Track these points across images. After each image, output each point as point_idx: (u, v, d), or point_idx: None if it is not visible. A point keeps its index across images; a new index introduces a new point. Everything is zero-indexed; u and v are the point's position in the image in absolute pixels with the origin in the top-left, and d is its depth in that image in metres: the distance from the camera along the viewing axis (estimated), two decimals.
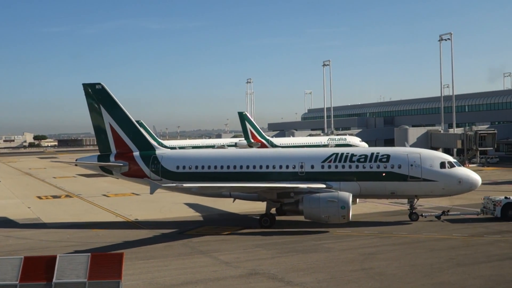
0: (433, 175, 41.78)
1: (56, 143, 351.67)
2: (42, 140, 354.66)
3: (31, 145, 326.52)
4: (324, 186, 41.69)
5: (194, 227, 43.41)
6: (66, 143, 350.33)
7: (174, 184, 41.98)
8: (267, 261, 31.41)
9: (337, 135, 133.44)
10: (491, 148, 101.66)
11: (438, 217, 43.65)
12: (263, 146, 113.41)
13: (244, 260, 31.76)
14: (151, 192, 41.57)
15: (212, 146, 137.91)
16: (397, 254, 32.43)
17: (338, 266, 29.84)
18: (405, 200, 48.99)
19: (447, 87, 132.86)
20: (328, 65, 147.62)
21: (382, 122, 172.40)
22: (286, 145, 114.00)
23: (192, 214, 50.81)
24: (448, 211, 44.57)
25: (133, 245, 37.06)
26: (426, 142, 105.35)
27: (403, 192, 42.96)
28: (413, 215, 43.42)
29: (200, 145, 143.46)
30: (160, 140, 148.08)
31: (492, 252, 32.36)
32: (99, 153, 49.58)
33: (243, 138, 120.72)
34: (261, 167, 44.92)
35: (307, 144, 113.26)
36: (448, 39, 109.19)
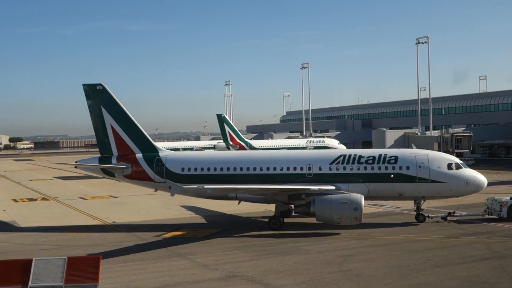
0: (441, 176, 41.96)
1: (32, 146, 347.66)
2: (18, 142, 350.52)
3: (6, 147, 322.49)
4: (333, 188, 41.53)
5: (172, 230, 43.17)
6: (43, 145, 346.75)
7: (196, 185, 41.07)
8: (246, 264, 31.38)
9: (316, 137, 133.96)
10: (467, 151, 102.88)
11: (444, 218, 44.10)
12: (241, 148, 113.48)
13: (222, 263, 31.69)
14: (172, 194, 41.16)
15: (191, 149, 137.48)
16: (375, 256, 32.63)
17: (316, 268, 29.92)
18: (383, 202, 49.49)
19: (424, 90, 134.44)
20: (306, 67, 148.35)
21: (360, 124, 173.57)
22: (265, 147, 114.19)
23: (170, 217, 50.54)
24: (454, 212, 44.93)
25: (110, 248, 36.76)
26: (404, 144, 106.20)
27: (411, 193, 42.95)
28: (420, 216, 43.68)
29: (178, 147, 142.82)
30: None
31: (468, 253, 32.73)
32: (99, 155, 48.68)
33: (222, 141, 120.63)
34: (268, 169, 44.57)
35: (286, 146, 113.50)
36: (425, 42, 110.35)
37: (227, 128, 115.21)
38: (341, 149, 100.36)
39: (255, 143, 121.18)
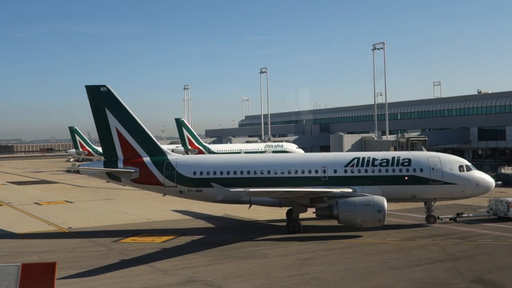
0: (453, 178, 42.66)
1: None
2: None
3: None
4: (355, 191, 41.54)
5: (130, 235, 42.70)
6: None
7: (242, 189, 40.40)
8: (204, 268, 31.28)
9: (274, 141, 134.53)
10: None
11: (453, 219, 45.05)
12: (200, 153, 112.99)
13: (181, 268, 31.50)
14: (219, 198, 40.77)
15: None
16: (333, 259, 32.98)
17: (274, 272, 30.04)
18: None
19: (381, 95, 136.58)
20: (265, 72, 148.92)
21: (318, 129, 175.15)
22: (224, 151, 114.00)
23: (128, 222, 49.97)
24: (462, 213, 45.98)
25: (66, 254, 36.15)
26: (361, 148, 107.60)
27: (423, 195, 43.52)
28: (431, 218, 44.41)
29: None
30: (95, 147, 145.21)
31: (423, 256, 33.38)
32: (104, 159, 47.11)
33: (181, 145, 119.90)
34: (282, 172, 44.22)
35: (245, 150, 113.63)
36: (381, 48, 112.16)
37: (185, 133, 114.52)
38: (299, 153, 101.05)
39: (213, 147, 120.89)
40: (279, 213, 51.49)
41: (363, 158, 43.88)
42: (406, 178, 42.84)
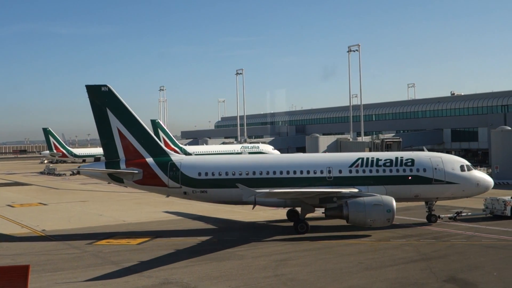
0: (455, 178, 43.35)
1: None
2: None
3: None
4: (357, 190, 41.67)
5: (105, 237, 42.36)
6: None
7: (267, 191, 40.01)
8: (180, 270, 31.16)
9: (250, 143, 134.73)
10: None
11: (453, 218, 45.89)
12: None
13: (156, 270, 31.31)
14: (245, 199, 40.62)
15: None
16: (309, 260, 33.12)
17: (251, 273, 30.08)
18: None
19: (356, 96, 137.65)
20: (241, 73, 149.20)
21: (294, 130, 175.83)
22: (200, 153, 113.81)
23: (103, 224, 49.56)
24: (461, 212, 46.85)
25: (40, 257, 35.70)
26: (336, 150, 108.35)
27: (426, 195, 44.09)
28: (433, 217, 45.05)
29: None
30: (69, 148, 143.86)
31: (398, 256, 33.72)
32: (105, 160, 46.28)
33: None
34: (288, 172, 44.14)
35: (221, 152, 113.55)
36: (356, 50, 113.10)
37: (161, 134, 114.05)
38: (275, 154, 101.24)
39: (189, 148, 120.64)
40: (256, 214, 51.68)
41: (367, 159, 44.38)
42: (410, 178, 43.48)
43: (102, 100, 44.54)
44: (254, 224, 47.71)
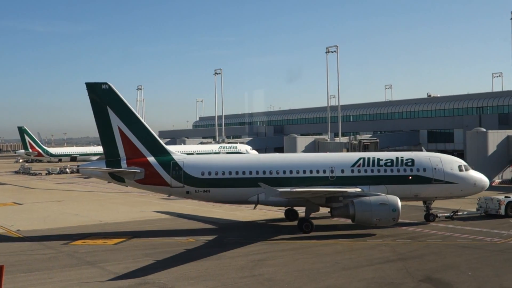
0: (454, 177, 44.19)
1: None
2: None
3: None
4: (360, 190, 41.87)
5: (81, 237, 41.95)
6: None
7: (288, 189, 40.26)
8: (157, 270, 30.93)
9: (228, 143, 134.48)
10: None
11: (449, 217, 46.76)
12: None
13: (133, 270, 31.09)
14: (267, 198, 40.38)
15: (101, 154, 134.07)
16: (286, 260, 33.17)
17: (228, 273, 30.02)
18: (297, 208, 50.14)
19: (334, 97, 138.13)
20: (219, 73, 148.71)
21: (272, 130, 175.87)
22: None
23: (79, 224, 49.07)
24: (457, 211, 47.58)
25: (14, 257, 35.21)
26: (314, 150, 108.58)
27: (426, 194, 44.75)
28: (431, 216, 45.76)
29: (88, 152, 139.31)
30: (45, 147, 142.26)
31: (374, 256, 33.95)
32: (105, 159, 45.43)
33: None
34: (291, 172, 44.30)
35: (199, 152, 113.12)
36: (334, 51, 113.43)
37: None
38: (253, 155, 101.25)
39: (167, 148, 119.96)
40: (233, 214, 51.69)
41: (368, 159, 44.84)
42: (410, 177, 44.09)
43: (102, 98, 43.90)
44: (232, 224, 47.65)
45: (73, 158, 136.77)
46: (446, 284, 27.35)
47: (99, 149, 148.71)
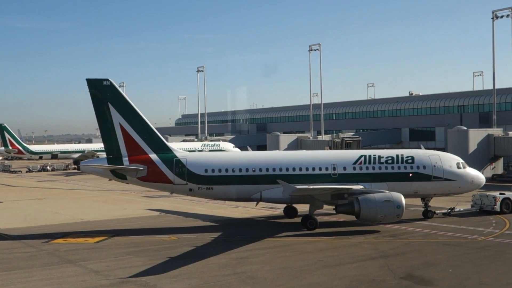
0: (452, 175, 44.89)
1: None
2: None
3: None
4: (362, 187, 42.14)
5: (61, 236, 41.58)
6: None
7: (306, 186, 40.38)
8: (139, 269, 30.79)
9: (211, 141, 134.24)
10: None
11: (447, 214, 47.46)
12: None
13: (115, 268, 30.93)
14: (285, 195, 40.34)
15: (83, 151, 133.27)
16: (268, 258, 33.18)
17: (211, 271, 29.95)
18: (275, 205, 50.25)
19: (316, 95, 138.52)
20: (202, 71, 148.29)
21: (255, 128, 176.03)
22: None
23: (60, 222, 48.66)
24: (454, 208, 48.24)
25: None
26: (297, 148, 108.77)
27: (425, 191, 45.34)
28: (429, 213, 46.35)
29: (70, 150, 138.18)
30: (25, 145, 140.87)
31: (356, 253, 34.09)
32: (107, 156, 44.75)
33: None
34: (294, 169, 44.40)
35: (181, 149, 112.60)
36: (317, 49, 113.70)
37: None
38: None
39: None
40: (216, 212, 51.60)
41: (370, 156, 45.24)
42: (411, 175, 44.62)
43: (104, 95, 43.36)
44: (215, 222, 47.56)
45: (54, 155, 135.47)
46: (427, 281, 27.54)
47: (80, 146, 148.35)
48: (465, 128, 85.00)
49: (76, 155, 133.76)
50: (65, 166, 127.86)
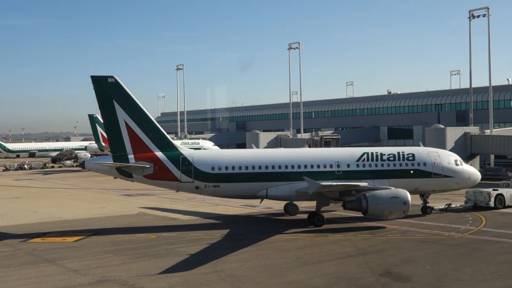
0: (451, 171, 46.04)
1: None
2: None
3: None
4: (367, 184, 42.51)
5: (39, 235, 41.19)
6: None
7: (333, 183, 40.86)
8: (118, 267, 30.69)
9: (191, 139, 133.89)
10: None
11: (444, 210, 48.62)
12: None
13: (93, 267, 30.74)
14: (311, 191, 40.53)
15: (61, 150, 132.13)
16: (248, 256, 33.22)
17: (190, 270, 29.87)
18: (255, 203, 50.38)
19: (296, 94, 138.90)
20: (181, 69, 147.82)
21: (234, 126, 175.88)
22: None
23: (38, 221, 48.19)
24: (450, 204, 49.49)
25: None
26: (276, 146, 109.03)
27: (425, 188, 46.27)
28: (428, 209, 47.53)
29: (48, 148, 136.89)
30: (2, 142, 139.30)
31: (335, 251, 34.30)
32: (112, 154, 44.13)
33: (94, 142, 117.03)
34: (299, 166, 44.75)
35: None
36: (297, 48, 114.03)
37: (99, 129, 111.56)
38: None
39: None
40: (196, 209, 51.48)
41: (372, 153, 46.05)
42: (412, 171, 45.54)
43: (108, 92, 42.86)
44: (195, 220, 47.50)
45: (31, 154, 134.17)
46: (405, 277, 27.82)
47: (59, 144, 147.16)
48: (443, 127, 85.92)
49: (54, 154, 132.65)
50: (42, 165, 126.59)
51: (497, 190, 50.35)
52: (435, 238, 37.96)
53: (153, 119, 44.97)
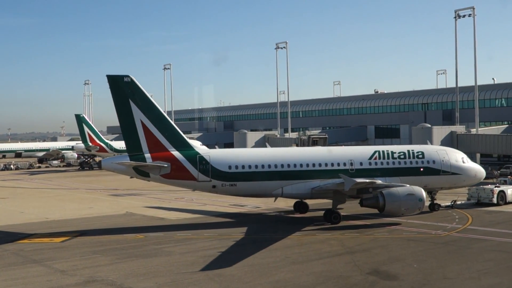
0: (459, 169, 47.06)
1: None
2: None
3: None
4: (380, 181, 42.91)
5: (26, 235, 40.95)
6: None
7: (368, 180, 41.48)
8: (106, 268, 30.59)
9: None
10: None
11: (450, 206, 49.38)
12: (102, 149, 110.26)
13: (81, 268, 30.61)
14: (347, 188, 40.51)
15: (47, 150, 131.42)
16: (236, 255, 33.20)
17: (178, 270, 29.89)
18: (244, 203, 50.43)
19: (283, 93, 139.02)
20: (169, 68, 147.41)
21: (222, 126, 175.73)
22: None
23: (25, 221, 47.90)
24: (456, 201, 50.22)
25: None
26: (264, 145, 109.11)
27: (434, 185, 47.03)
28: (436, 206, 48.52)
29: (34, 148, 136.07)
30: None
31: (323, 250, 34.42)
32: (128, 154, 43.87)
33: (81, 141, 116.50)
34: (314, 165, 45.24)
35: None
36: (284, 47, 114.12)
37: (86, 129, 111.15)
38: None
39: (116, 144, 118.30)
40: (186, 209, 51.43)
41: (383, 152, 46.89)
42: (422, 169, 46.40)
43: (125, 92, 42.70)
44: (182, 220, 47.45)
45: (17, 154, 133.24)
46: (393, 276, 27.98)
47: (45, 145, 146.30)
48: (429, 126, 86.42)
49: (41, 154, 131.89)
50: (29, 165, 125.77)
51: (499, 187, 51.44)
52: (422, 236, 38.17)
53: (168, 118, 44.99)
